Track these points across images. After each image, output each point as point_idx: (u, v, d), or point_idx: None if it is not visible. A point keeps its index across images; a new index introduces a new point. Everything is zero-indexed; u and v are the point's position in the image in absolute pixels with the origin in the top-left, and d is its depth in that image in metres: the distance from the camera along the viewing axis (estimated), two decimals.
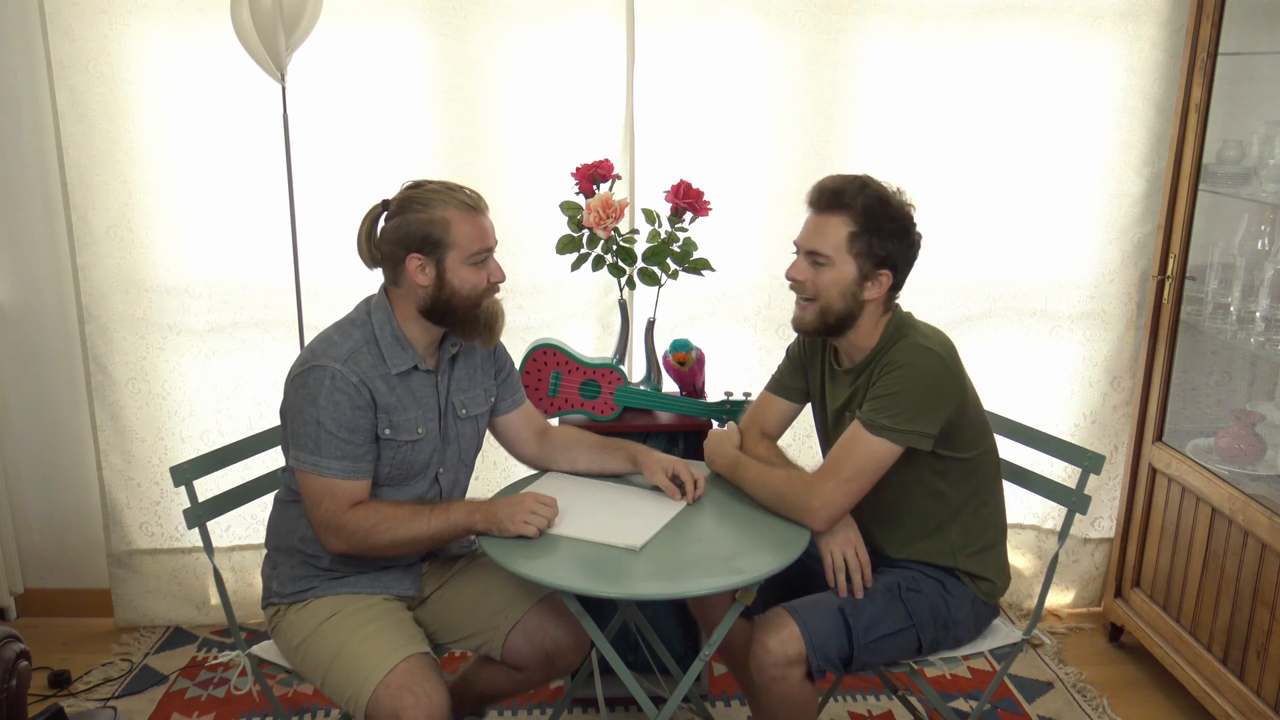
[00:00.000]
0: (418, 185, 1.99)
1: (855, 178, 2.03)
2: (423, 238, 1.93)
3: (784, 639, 1.94)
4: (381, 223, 1.99)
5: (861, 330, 2.06)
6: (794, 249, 2.07)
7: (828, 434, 2.20)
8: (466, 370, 2.14)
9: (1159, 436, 2.91)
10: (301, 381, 1.94)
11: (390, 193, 2.01)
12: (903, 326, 2.07)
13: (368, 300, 2.06)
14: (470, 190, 1.99)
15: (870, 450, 1.96)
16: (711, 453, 2.20)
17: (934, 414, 1.97)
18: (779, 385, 2.29)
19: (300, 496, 1.99)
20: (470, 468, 2.20)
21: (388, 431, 1.98)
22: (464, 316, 1.99)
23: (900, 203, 2.03)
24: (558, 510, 1.98)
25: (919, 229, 2.05)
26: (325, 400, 1.91)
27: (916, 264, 2.09)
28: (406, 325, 2.01)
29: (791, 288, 2.08)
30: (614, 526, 1.98)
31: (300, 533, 2.05)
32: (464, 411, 2.12)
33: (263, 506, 2.88)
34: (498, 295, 2.04)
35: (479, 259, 1.97)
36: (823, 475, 1.99)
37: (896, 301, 2.11)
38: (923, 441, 1.96)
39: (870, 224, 1.98)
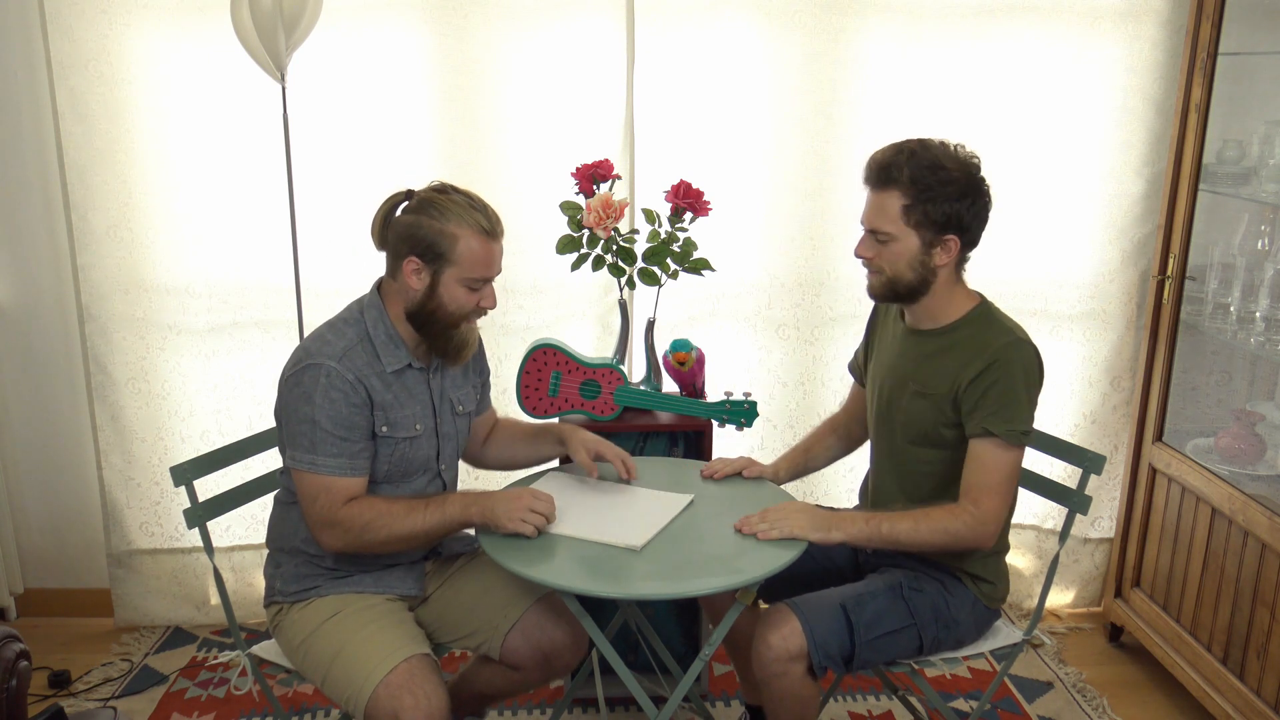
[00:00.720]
0: (444, 190, 1.97)
1: (904, 146, 2.00)
2: (428, 245, 1.92)
3: (785, 634, 1.94)
4: (399, 212, 1.97)
5: (937, 297, 2.05)
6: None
7: (882, 392, 2.17)
8: (460, 369, 2.15)
9: (1159, 436, 2.91)
10: (296, 380, 1.94)
11: (414, 185, 2.01)
12: (992, 313, 2.07)
13: (359, 300, 2.06)
14: (492, 213, 1.97)
15: (1013, 462, 1.98)
16: (817, 525, 1.97)
17: (1035, 407, 2.02)
18: (856, 369, 2.35)
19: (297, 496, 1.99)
20: (458, 464, 2.22)
21: (385, 429, 1.98)
22: (440, 331, 1.99)
23: (960, 161, 1.98)
24: (555, 509, 1.98)
25: (983, 181, 2.01)
26: (321, 398, 1.91)
27: None
28: (399, 324, 2.01)
29: (863, 264, 2.07)
30: (614, 526, 1.98)
31: (302, 534, 2.05)
32: (460, 408, 2.14)
33: (263, 506, 2.87)
34: (479, 321, 2.06)
35: (475, 284, 1.96)
36: (984, 498, 1.96)
37: (981, 292, 2.11)
38: (1033, 437, 2.01)
39: (923, 193, 1.96)
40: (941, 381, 2.03)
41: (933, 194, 1.96)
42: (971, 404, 1.98)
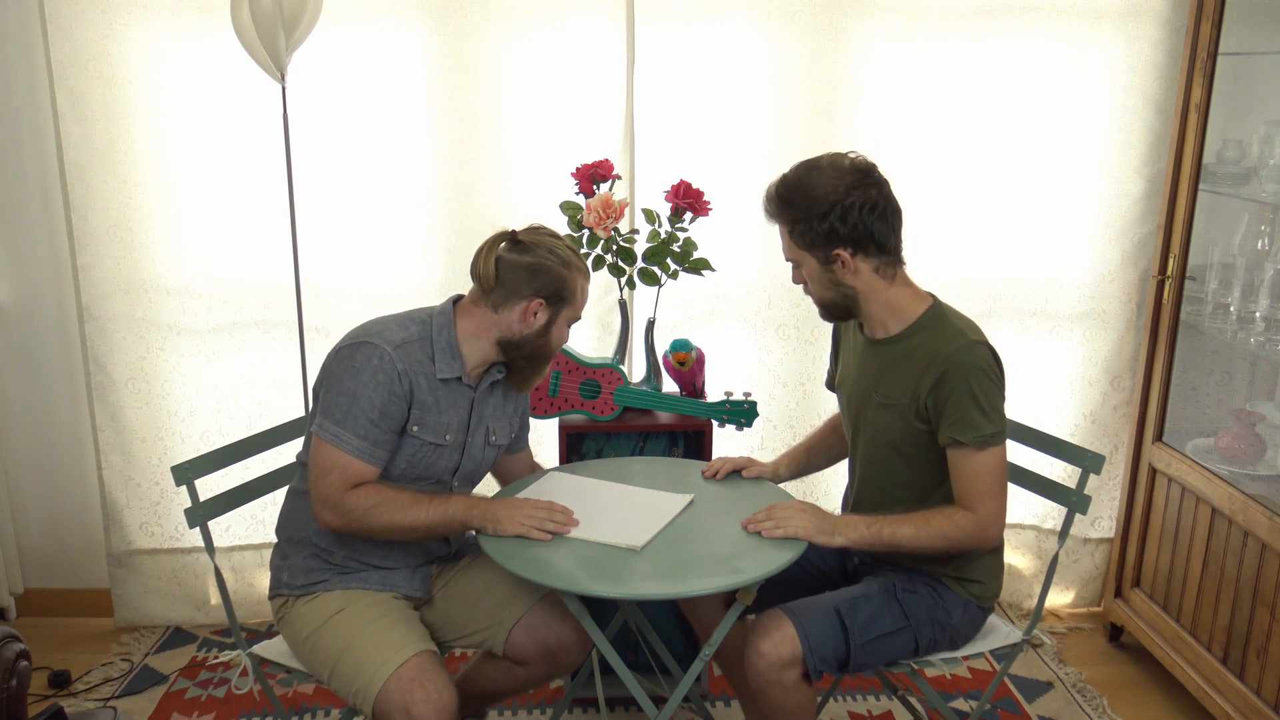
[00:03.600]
0: (552, 234, 2.06)
1: (783, 175, 2.03)
2: (554, 290, 2.01)
3: (777, 641, 1.93)
4: (504, 252, 2.02)
5: (877, 306, 2.04)
6: None
7: (850, 405, 2.17)
8: (501, 400, 2.17)
9: (1159, 436, 2.91)
10: (349, 354, 1.96)
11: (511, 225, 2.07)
12: (943, 315, 2.04)
13: (431, 307, 2.09)
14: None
15: (996, 462, 1.96)
16: (824, 529, 1.96)
17: (1003, 405, 2.00)
18: (830, 380, 2.35)
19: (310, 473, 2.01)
20: (473, 488, 2.24)
21: (415, 429, 2.00)
22: (539, 365, 2.09)
23: (829, 177, 1.96)
24: (573, 518, 2.00)
25: (864, 190, 1.95)
26: (368, 377, 1.93)
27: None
28: (465, 341, 2.04)
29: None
30: (615, 526, 1.98)
31: (315, 525, 2.05)
32: (494, 438, 2.16)
33: (263, 506, 2.88)
34: None
35: (575, 320, 2.10)
36: (980, 503, 1.96)
37: (932, 293, 2.08)
38: (1006, 433, 1.98)
39: (795, 216, 1.99)
40: (902, 392, 2.02)
41: (801, 215, 1.98)
42: (936, 415, 1.98)
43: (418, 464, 2.03)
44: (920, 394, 1.98)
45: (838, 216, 1.96)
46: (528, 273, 2.00)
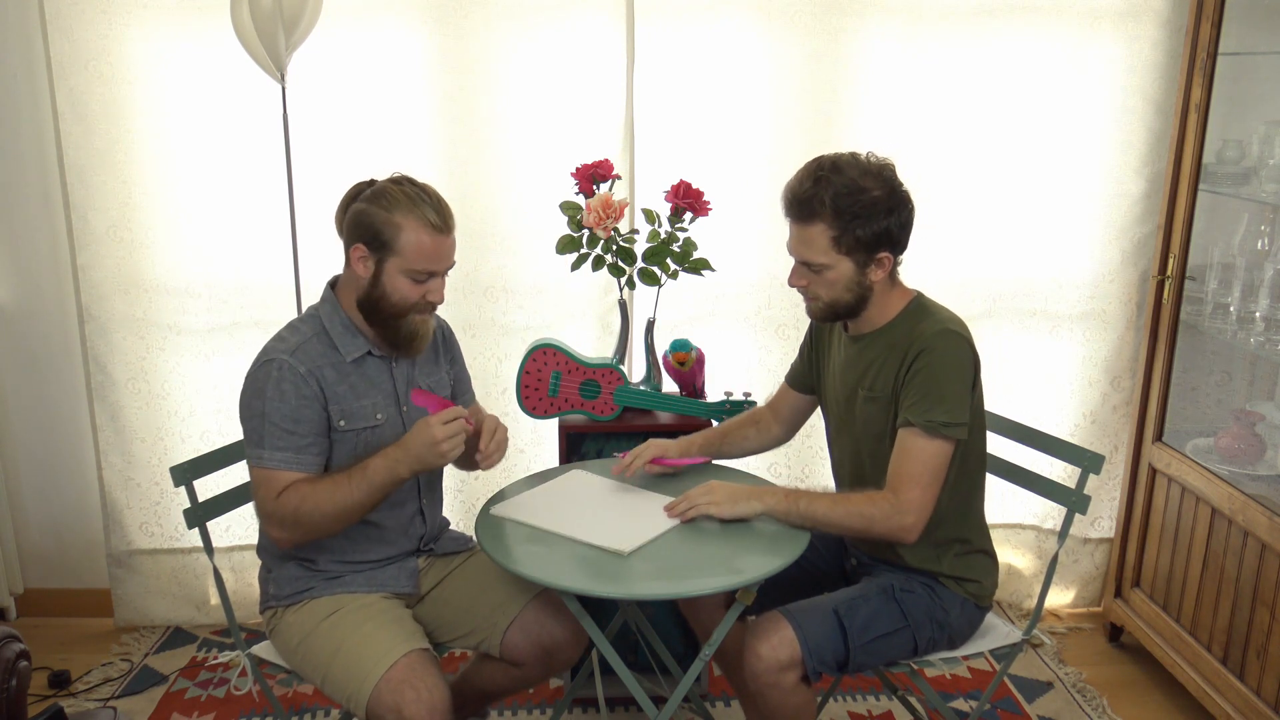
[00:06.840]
0: (399, 182, 1.98)
1: (819, 175, 1.95)
2: (374, 234, 1.93)
3: (775, 644, 1.93)
4: (357, 200, 1.99)
5: (875, 306, 2.04)
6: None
7: (839, 405, 2.16)
8: (431, 356, 2.15)
9: (1159, 436, 2.91)
10: (251, 377, 1.96)
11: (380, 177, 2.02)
12: (926, 309, 2.05)
13: (316, 302, 2.08)
14: (444, 208, 1.97)
15: (936, 453, 1.93)
16: (734, 499, 1.99)
17: (968, 402, 1.97)
18: (793, 376, 2.32)
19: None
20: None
21: (342, 423, 1.97)
22: (385, 321, 1.98)
23: (876, 175, 1.95)
24: (464, 411, 1.91)
25: (903, 189, 1.98)
26: (271, 391, 1.92)
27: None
28: (354, 313, 2.02)
29: (799, 291, 2.07)
30: (609, 528, 1.98)
31: None
32: None
33: None
34: (428, 314, 2.02)
35: (419, 276, 1.95)
36: (905, 487, 1.93)
37: (917, 290, 2.09)
38: (963, 432, 1.95)
39: (850, 221, 1.94)
40: (885, 383, 2.02)
41: (859, 219, 1.94)
42: (901, 395, 1.98)
43: (364, 453, 1.98)
44: (900, 380, 1.98)
45: (895, 218, 1.95)
46: (355, 218, 1.95)
